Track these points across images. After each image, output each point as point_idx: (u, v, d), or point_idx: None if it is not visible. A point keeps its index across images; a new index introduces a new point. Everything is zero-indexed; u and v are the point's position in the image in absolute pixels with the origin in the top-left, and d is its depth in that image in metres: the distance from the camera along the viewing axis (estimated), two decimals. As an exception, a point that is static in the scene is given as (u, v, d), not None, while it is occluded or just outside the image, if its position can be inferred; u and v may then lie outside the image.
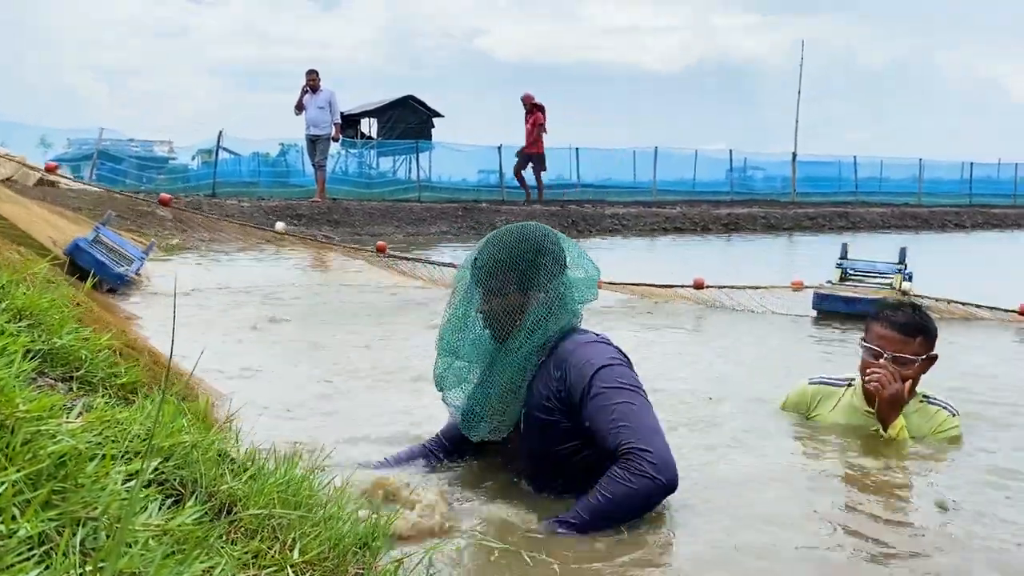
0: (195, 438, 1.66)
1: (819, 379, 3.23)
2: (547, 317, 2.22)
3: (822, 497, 2.40)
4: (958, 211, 23.97)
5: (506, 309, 2.24)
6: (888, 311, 2.99)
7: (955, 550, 2.04)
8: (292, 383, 3.82)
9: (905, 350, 2.90)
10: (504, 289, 2.23)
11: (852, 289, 6.69)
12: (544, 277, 2.24)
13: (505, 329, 2.25)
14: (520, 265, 2.22)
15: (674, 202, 21.18)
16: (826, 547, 2.06)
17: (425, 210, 15.68)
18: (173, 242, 10.35)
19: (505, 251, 2.24)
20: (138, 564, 0.96)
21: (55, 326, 1.85)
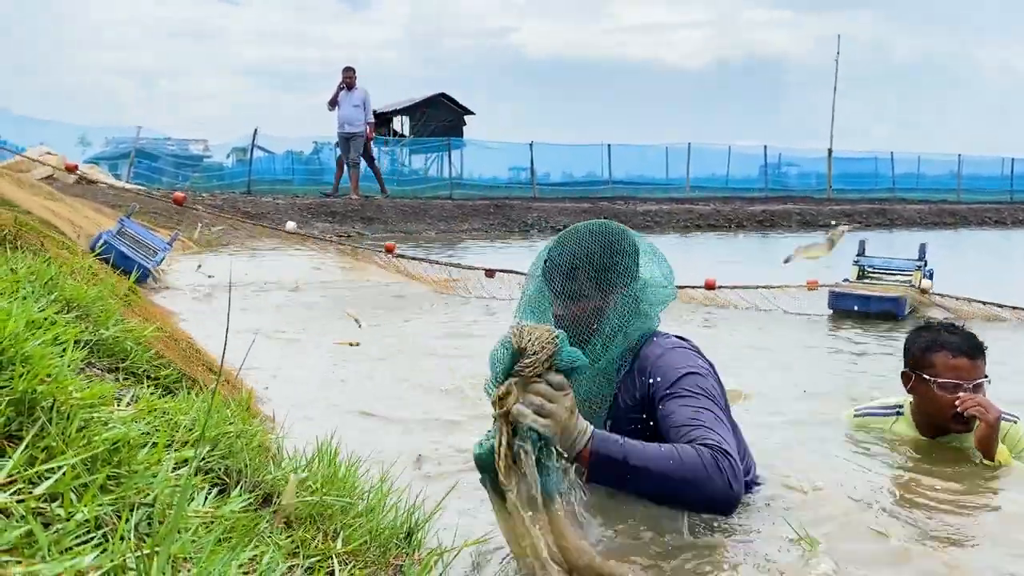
0: (239, 428, 1.68)
1: (864, 410, 3.10)
2: (628, 321, 2.09)
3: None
4: (998, 208, 23.52)
5: (584, 314, 2.08)
6: (944, 337, 2.84)
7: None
8: (332, 379, 3.85)
9: (977, 374, 2.78)
10: (582, 292, 2.08)
11: (869, 287, 6.50)
12: (624, 278, 2.11)
13: (583, 336, 2.08)
14: (599, 266, 2.08)
15: (707, 199, 21.03)
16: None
17: (457, 207, 15.72)
18: (204, 235, 10.44)
19: (583, 251, 2.09)
20: (190, 549, 0.97)
21: (102, 317, 1.87)
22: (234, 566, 0.97)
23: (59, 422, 1.00)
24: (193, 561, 0.95)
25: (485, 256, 11.36)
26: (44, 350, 1.13)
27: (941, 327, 2.91)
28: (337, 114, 13.90)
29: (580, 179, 23.66)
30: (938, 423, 2.83)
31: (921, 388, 2.85)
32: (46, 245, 3.55)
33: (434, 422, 3.11)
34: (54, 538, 0.82)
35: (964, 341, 2.81)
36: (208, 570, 0.91)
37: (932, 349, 2.82)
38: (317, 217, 13.52)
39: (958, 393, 2.74)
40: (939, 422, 2.82)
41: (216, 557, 0.96)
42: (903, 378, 2.92)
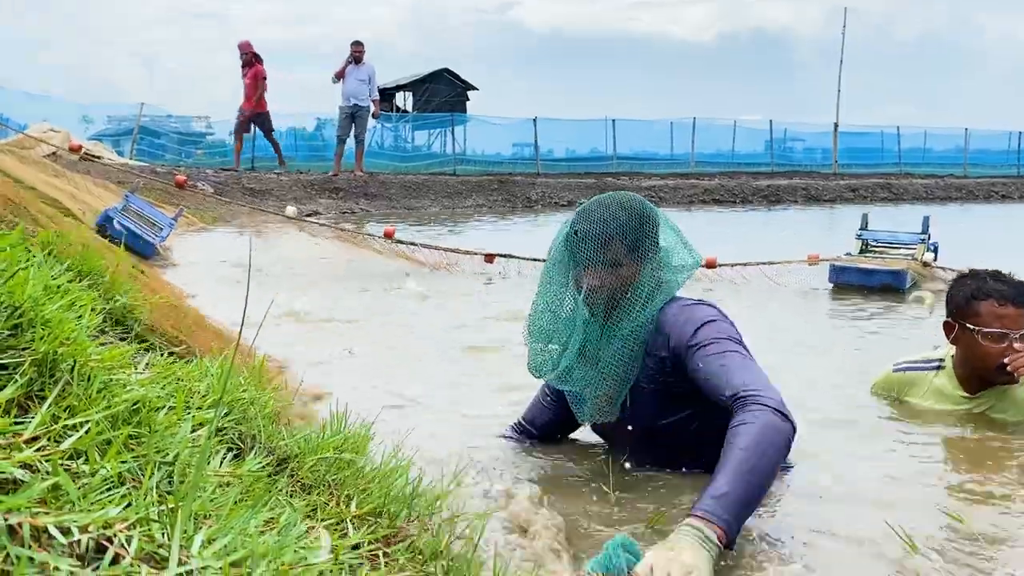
0: (253, 395, 1.70)
1: (903, 365, 3.00)
2: (659, 286, 2.14)
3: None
4: (1005, 182, 23.40)
5: (618, 282, 2.12)
6: (990, 285, 2.72)
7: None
8: (337, 350, 3.88)
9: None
10: (618, 260, 2.11)
11: (870, 261, 6.47)
12: (653, 245, 2.16)
13: (615, 304, 2.13)
14: (631, 234, 2.12)
15: (712, 174, 20.96)
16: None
17: (460, 183, 15.70)
18: (211, 215, 10.45)
19: (613, 220, 2.12)
20: (210, 507, 0.99)
21: (113, 288, 1.88)
22: (252, 524, 0.98)
23: (80, 383, 1.02)
24: (213, 518, 0.97)
25: (488, 233, 11.36)
26: (62, 314, 1.15)
27: (987, 275, 2.77)
28: (342, 88, 13.80)
29: (584, 155, 23.58)
30: (982, 375, 2.74)
31: (965, 339, 2.74)
32: (54, 219, 3.56)
33: (453, 397, 3.13)
34: (81, 492, 0.84)
35: (1011, 289, 2.70)
36: (229, 526, 0.92)
37: (977, 297, 2.71)
38: (320, 194, 13.52)
39: (1004, 343, 2.64)
40: (983, 374, 2.73)
41: (236, 514, 0.98)
42: (945, 328, 2.81)
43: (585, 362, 2.15)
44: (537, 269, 6.31)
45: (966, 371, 2.80)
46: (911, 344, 3.89)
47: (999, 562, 1.70)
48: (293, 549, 0.95)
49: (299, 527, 1.08)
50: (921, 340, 3.81)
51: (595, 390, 2.16)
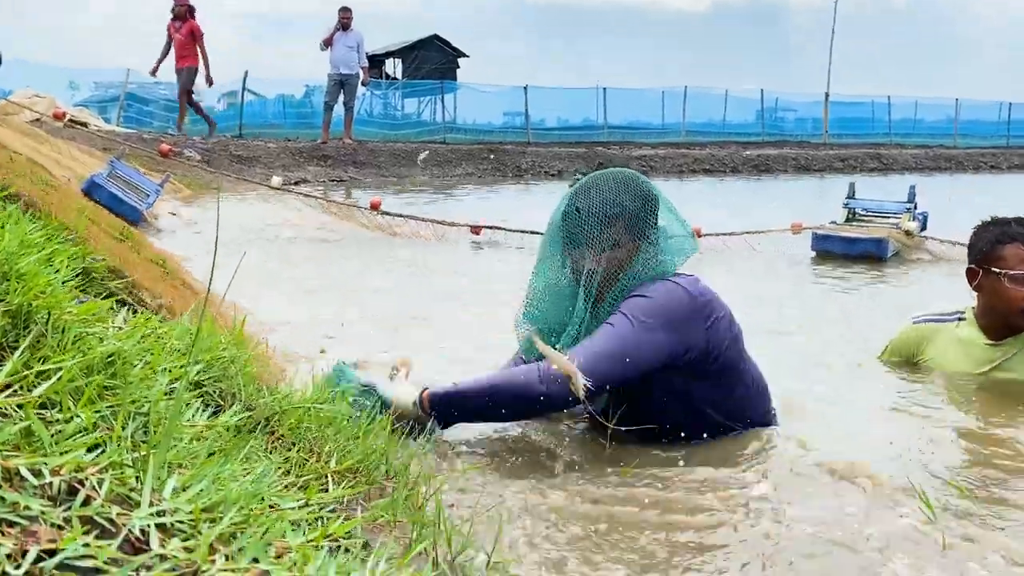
0: (232, 354, 1.71)
1: (923, 318, 2.97)
2: (654, 269, 2.08)
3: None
4: (995, 152, 23.45)
5: (617, 262, 2.07)
6: (1014, 230, 2.71)
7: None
8: (319, 312, 3.89)
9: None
10: (617, 241, 2.06)
11: (852, 229, 6.49)
12: (652, 225, 2.10)
13: (609, 286, 2.07)
14: (630, 211, 2.07)
15: (703, 143, 20.92)
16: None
17: (450, 151, 15.62)
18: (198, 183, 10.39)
19: (615, 199, 2.07)
20: (185, 457, 1.01)
21: (95, 247, 1.89)
22: (227, 472, 1.00)
23: (55, 335, 1.03)
24: (188, 467, 0.98)
25: (477, 201, 11.34)
26: (38, 268, 1.15)
27: (1011, 220, 2.76)
28: (330, 56, 13.66)
29: (576, 124, 23.48)
30: (1008, 321, 2.72)
31: (989, 284, 2.73)
32: (39, 183, 3.54)
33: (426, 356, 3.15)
34: (54, 440, 0.85)
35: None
36: (202, 474, 0.94)
37: (1002, 242, 2.71)
38: (309, 161, 13.44)
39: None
40: (1009, 319, 2.72)
41: (210, 464, 0.99)
42: (968, 275, 2.80)
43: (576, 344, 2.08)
44: (524, 240, 6.34)
45: (989, 319, 2.78)
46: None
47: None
48: (265, 496, 0.97)
49: (272, 476, 1.10)
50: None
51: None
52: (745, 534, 1.59)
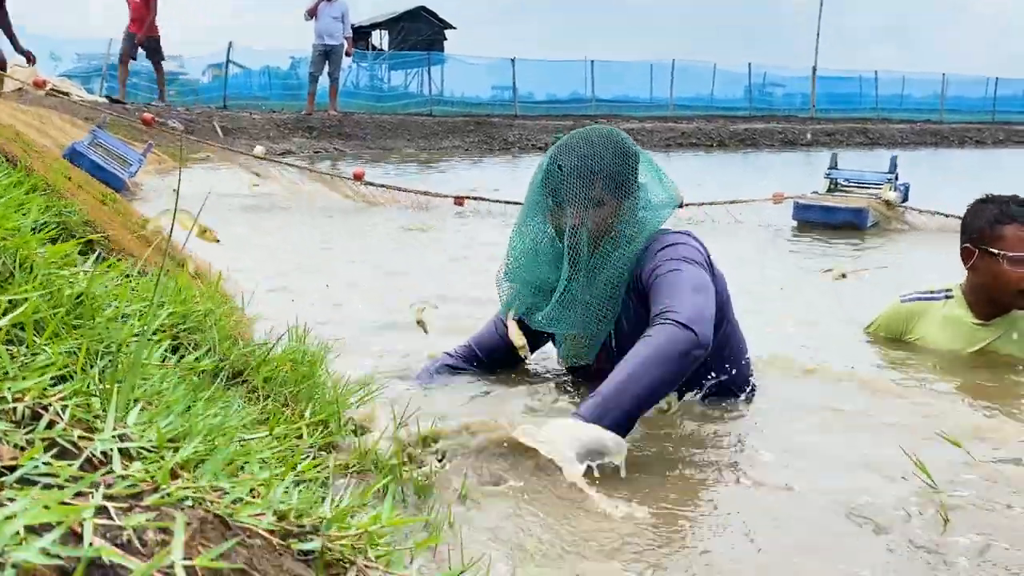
0: (207, 308, 1.72)
1: (912, 296, 2.93)
2: (640, 225, 2.07)
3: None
4: (980, 127, 23.52)
5: (600, 221, 2.04)
6: (1014, 209, 2.66)
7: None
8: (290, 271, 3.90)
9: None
10: (600, 198, 2.03)
11: (832, 199, 6.53)
12: (634, 182, 2.08)
13: (597, 244, 2.05)
14: (614, 170, 2.04)
15: (691, 117, 20.89)
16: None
17: (437, 124, 15.55)
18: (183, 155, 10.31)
19: (596, 156, 2.03)
20: (153, 395, 1.02)
21: (73, 202, 1.89)
22: (196, 408, 1.01)
23: (23, 274, 1.04)
24: (156, 405, 0.99)
25: (463, 174, 11.31)
26: (8, 211, 1.16)
27: (1008, 199, 2.72)
28: (315, 26, 13.53)
29: (564, 98, 23.38)
30: (1001, 301, 2.69)
31: (986, 264, 2.68)
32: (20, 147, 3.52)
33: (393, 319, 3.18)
34: (20, 371, 0.86)
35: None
36: (169, 407, 0.95)
37: (1002, 221, 2.66)
38: (294, 133, 13.36)
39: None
40: (1004, 299, 2.68)
41: (177, 400, 1.00)
42: (963, 254, 2.76)
43: (565, 305, 2.09)
44: (508, 210, 6.35)
45: (980, 298, 2.75)
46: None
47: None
48: (232, 433, 0.99)
49: (243, 417, 1.12)
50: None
51: (575, 332, 2.11)
52: (745, 503, 1.61)
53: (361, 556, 0.82)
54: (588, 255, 2.05)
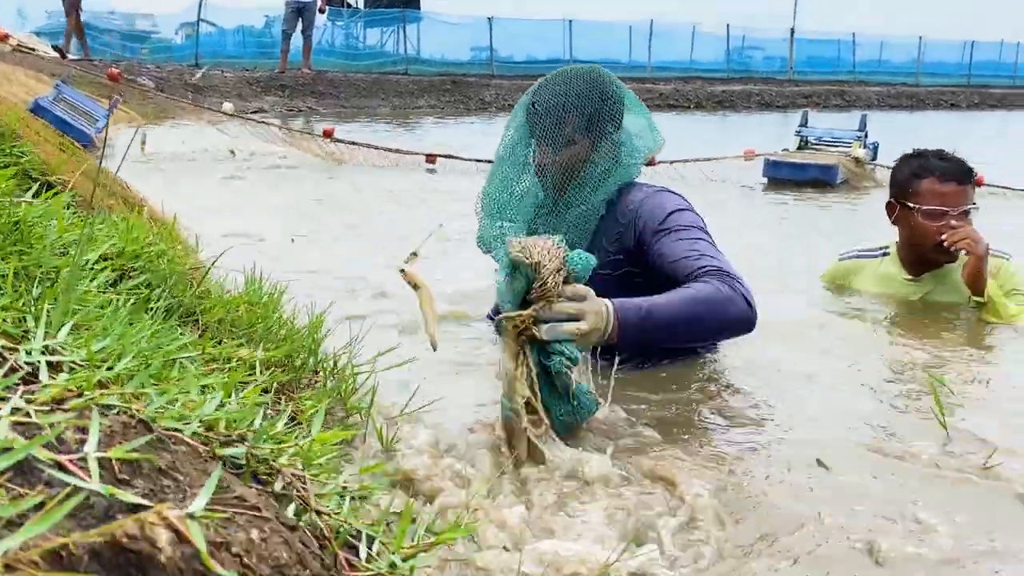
0: (160, 249, 1.72)
1: (850, 254, 2.98)
2: (615, 168, 2.03)
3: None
4: (955, 91, 23.64)
5: (573, 160, 2.00)
6: (932, 163, 2.67)
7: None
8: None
9: (966, 200, 2.63)
10: (572, 138, 1.99)
11: (802, 155, 6.56)
12: (612, 124, 2.03)
13: (568, 183, 2.01)
14: (589, 110, 1.99)
15: (669, 79, 20.80)
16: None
17: (412, 83, 15.39)
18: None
19: (571, 94, 1.99)
20: (92, 320, 1.03)
21: (24, 143, 1.87)
22: (132, 331, 1.02)
23: (-43, 199, 1.03)
24: (95, 329, 1.00)
25: (437, 133, 11.23)
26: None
27: (929, 153, 2.73)
28: (287, -18, 13.33)
29: (542, 59, 23.16)
30: (923, 255, 2.71)
31: (905, 218, 2.72)
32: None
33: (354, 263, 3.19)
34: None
35: (953, 166, 2.66)
36: (105, 328, 0.96)
37: (919, 176, 2.67)
38: (267, 91, 13.18)
39: (942, 221, 2.61)
40: (924, 253, 2.70)
41: (115, 321, 1.01)
42: (888, 209, 2.79)
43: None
44: (480, 169, 6.33)
45: (907, 254, 2.78)
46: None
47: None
48: (170, 352, 1.00)
49: (181, 340, 1.13)
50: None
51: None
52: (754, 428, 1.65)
53: (290, 466, 0.84)
54: (556, 193, 2.03)
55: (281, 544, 0.71)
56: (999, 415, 1.84)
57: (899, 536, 1.27)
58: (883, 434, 1.70)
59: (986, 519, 1.33)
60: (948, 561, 1.21)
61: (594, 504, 1.31)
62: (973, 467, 1.53)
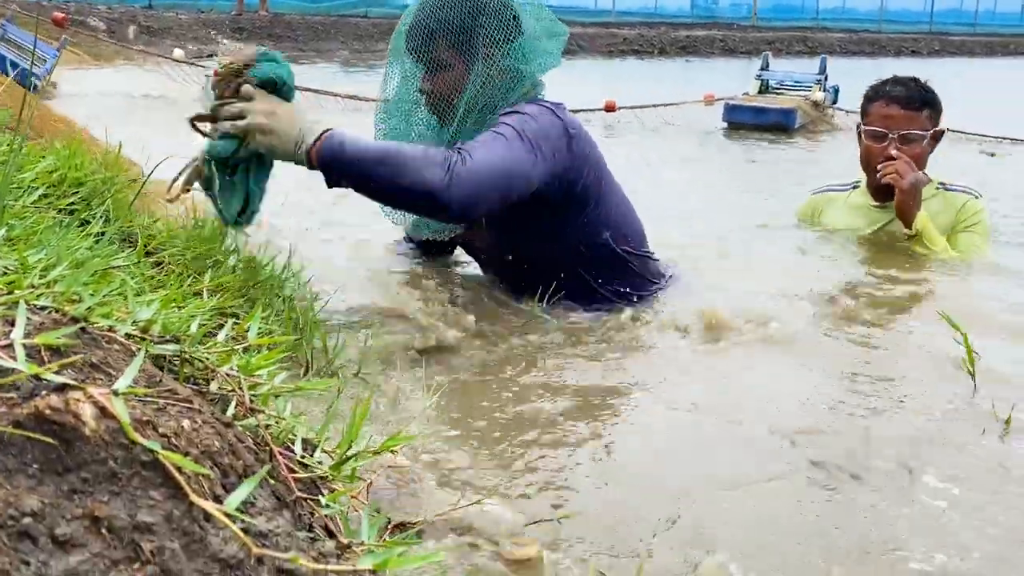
0: (106, 176, 1.70)
1: (823, 188, 3.03)
2: (492, 90, 1.88)
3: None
4: (916, 38, 23.76)
5: (448, 86, 1.89)
6: (887, 86, 2.68)
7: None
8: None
9: (912, 126, 2.62)
10: (443, 61, 1.88)
11: (761, 99, 6.60)
12: (486, 43, 1.87)
13: (448, 108, 1.90)
14: (457, 28, 1.87)
15: (633, 24, 20.64)
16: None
17: (372, 26, 15.10)
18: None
19: (437, 13, 1.88)
20: (29, 234, 1.03)
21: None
22: (73, 239, 1.02)
23: None
24: (31, 241, 1.00)
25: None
26: None
27: (892, 79, 2.75)
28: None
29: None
30: (872, 181, 2.71)
31: (861, 142, 2.75)
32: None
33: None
34: None
35: (904, 90, 2.66)
36: (40, 238, 0.96)
37: (871, 98, 2.71)
38: (222, 34, 12.85)
39: (884, 143, 2.62)
40: (871, 178, 2.71)
41: (51, 233, 1.01)
42: (857, 135, 2.82)
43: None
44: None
45: (868, 180, 2.78)
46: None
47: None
48: (102, 259, 1.00)
49: (122, 255, 1.14)
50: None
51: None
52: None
53: (225, 366, 0.86)
54: (442, 119, 1.93)
55: (214, 435, 0.73)
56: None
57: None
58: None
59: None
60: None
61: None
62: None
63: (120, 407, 0.58)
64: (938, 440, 1.42)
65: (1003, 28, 28.27)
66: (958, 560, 1.09)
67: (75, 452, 0.56)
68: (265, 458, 0.83)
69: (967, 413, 1.53)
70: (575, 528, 1.11)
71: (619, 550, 1.08)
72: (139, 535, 0.55)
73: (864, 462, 1.32)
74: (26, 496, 0.52)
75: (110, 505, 0.55)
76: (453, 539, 1.08)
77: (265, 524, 0.71)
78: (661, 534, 1.12)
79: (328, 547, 0.77)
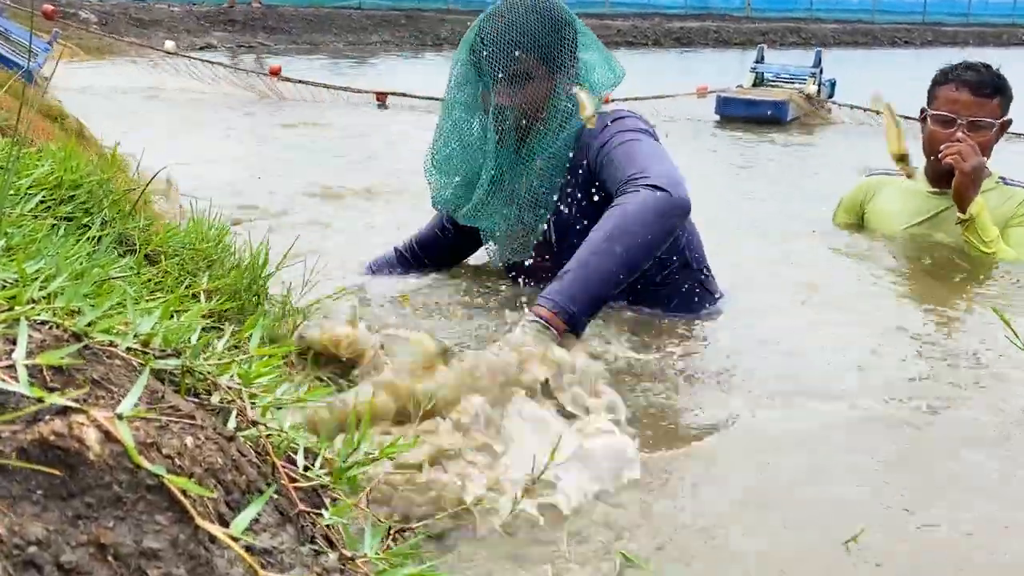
0: (102, 178, 1.69)
1: (880, 171, 2.90)
2: (569, 104, 1.86)
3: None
4: (909, 28, 23.77)
5: (530, 99, 1.85)
6: (958, 71, 2.60)
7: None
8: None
9: (981, 113, 2.54)
10: (528, 72, 1.84)
11: (754, 92, 6.58)
12: (569, 55, 1.88)
13: (529, 126, 1.87)
14: (543, 40, 1.83)
15: (627, 15, 20.59)
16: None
17: (366, 17, 15.05)
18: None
19: (523, 24, 1.83)
20: (28, 243, 1.02)
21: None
22: (72, 246, 1.01)
23: None
24: (29, 251, 0.99)
25: (392, 69, 11.04)
26: None
27: (964, 64, 2.64)
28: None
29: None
30: (935, 165, 2.61)
31: (925, 126, 2.66)
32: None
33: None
34: None
35: (976, 75, 2.58)
36: (40, 248, 0.95)
37: (939, 82, 2.64)
38: (215, 26, 12.80)
39: (951, 129, 2.54)
40: (935, 163, 2.60)
41: (49, 241, 1.00)
42: (920, 119, 2.73)
43: (498, 195, 1.91)
44: (433, 107, 6.26)
45: (929, 165, 2.69)
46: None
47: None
48: (101, 268, 1.00)
49: (122, 263, 1.13)
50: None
51: (510, 226, 1.93)
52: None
53: (226, 376, 0.86)
54: (518, 137, 1.88)
55: (216, 451, 0.73)
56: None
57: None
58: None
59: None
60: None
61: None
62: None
63: (124, 431, 0.57)
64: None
65: (996, 18, 28.36)
66: None
67: (79, 477, 0.55)
68: (268, 471, 0.82)
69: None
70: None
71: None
72: (145, 561, 0.55)
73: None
74: (30, 523, 0.52)
75: (116, 531, 0.55)
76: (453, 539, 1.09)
77: (269, 540, 0.71)
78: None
79: (331, 561, 0.77)
